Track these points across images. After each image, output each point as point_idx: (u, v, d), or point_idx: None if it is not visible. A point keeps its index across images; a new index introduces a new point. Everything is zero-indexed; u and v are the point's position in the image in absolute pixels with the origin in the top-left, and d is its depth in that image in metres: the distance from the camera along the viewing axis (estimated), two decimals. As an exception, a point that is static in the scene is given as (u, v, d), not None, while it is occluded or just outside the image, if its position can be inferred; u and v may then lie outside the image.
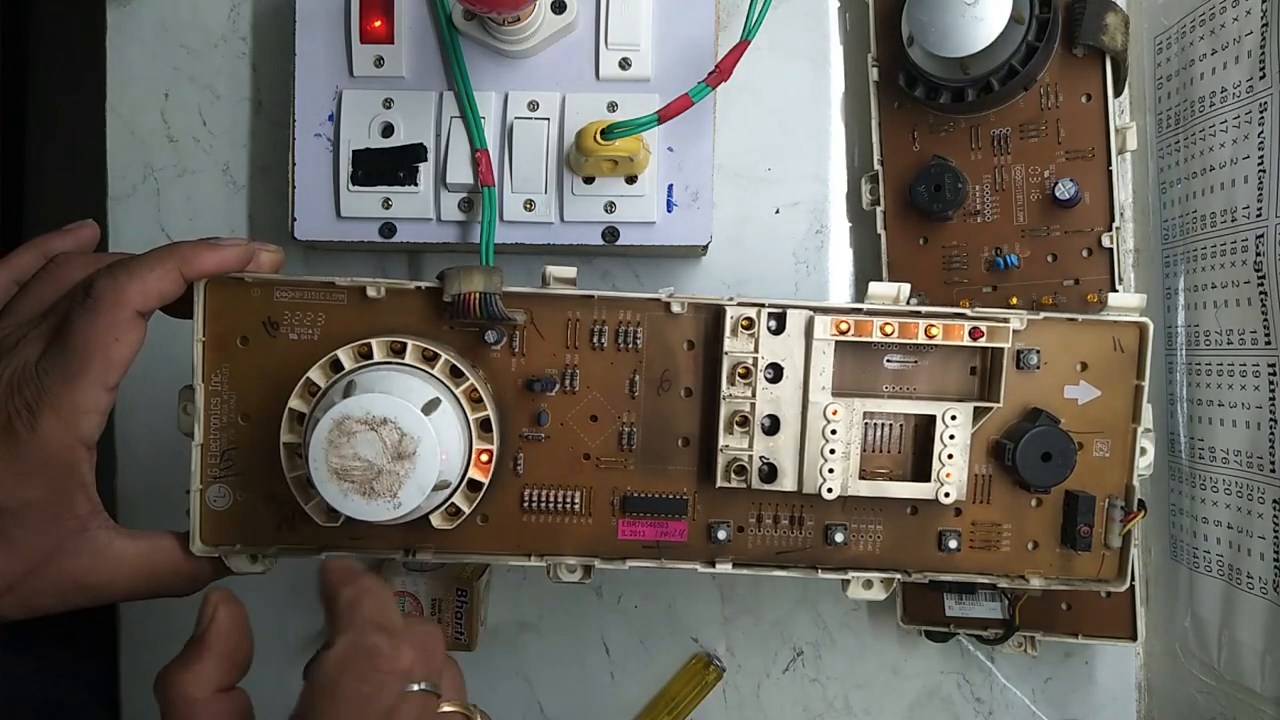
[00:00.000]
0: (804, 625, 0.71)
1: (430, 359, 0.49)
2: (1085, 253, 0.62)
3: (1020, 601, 0.64)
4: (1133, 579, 0.57)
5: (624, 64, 0.65)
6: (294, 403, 0.49)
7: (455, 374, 0.50)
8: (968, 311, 0.52)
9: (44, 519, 0.47)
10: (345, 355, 0.49)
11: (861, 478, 0.53)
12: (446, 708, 0.45)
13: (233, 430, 0.52)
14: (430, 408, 0.46)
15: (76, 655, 0.74)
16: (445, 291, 0.50)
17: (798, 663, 0.72)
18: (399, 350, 0.49)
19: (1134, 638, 0.63)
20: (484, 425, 0.50)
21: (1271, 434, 0.58)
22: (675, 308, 0.53)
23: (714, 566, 0.54)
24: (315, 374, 0.49)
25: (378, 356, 0.49)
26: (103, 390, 0.46)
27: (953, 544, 0.54)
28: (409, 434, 0.45)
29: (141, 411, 0.70)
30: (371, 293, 0.51)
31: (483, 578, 0.69)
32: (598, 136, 0.59)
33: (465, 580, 0.68)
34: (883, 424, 0.54)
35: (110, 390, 0.47)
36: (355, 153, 0.65)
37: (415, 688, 0.43)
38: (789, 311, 0.52)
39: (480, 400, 0.50)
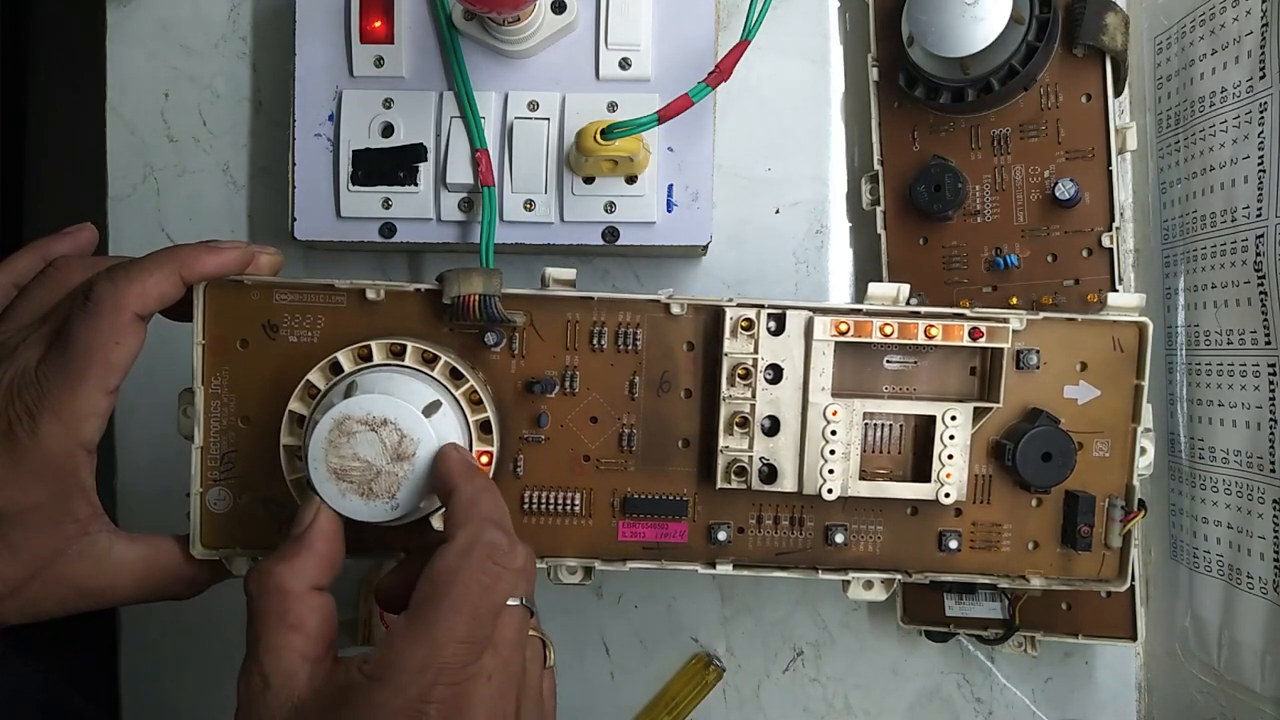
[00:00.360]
0: (804, 625, 0.72)
1: (430, 361, 0.49)
2: (1085, 253, 0.62)
3: (1020, 601, 0.64)
4: (1133, 579, 0.57)
5: (624, 64, 0.65)
6: (294, 405, 0.49)
7: (455, 376, 0.50)
8: (967, 312, 0.52)
9: (45, 523, 0.47)
10: (345, 358, 0.49)
11: (861, 478, 0.53)
12: (532, 632, 0.45)
13: (233, 433, 0.52)
14: (431, 410, 0.46)
15: (77, 656, 0.74)
16: (445, 294, 0.50)
17: (798, 663, 0.72)
18: (398, 352, 0.49)
19: (1134, 638, 0.63)
20: (484, 427, 0.50)
21: (1271, 434, 0.58)
22: (675, 309, 0.53)
23: (714, 568, 0.54)
24: (315, 376, 0.49)
25: (377, 359, 0.49)
26: (103, 394, 0.46)
27: (953, 544, 0.54)
28: (409, 435, 0.45)
29: (142, 412, 0.70)
30: (371, 295, 0.51)
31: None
32: (598, 136, 0.59)
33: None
34: (882, 424, 0.54)
35: (110, 394, 0.47)
36: (355, 153, 0.65)
37: (514, 602, 0.43)
38: (788, 312, 0.52)
39: (480, 402, 0.50)
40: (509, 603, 0.43)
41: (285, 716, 0.41)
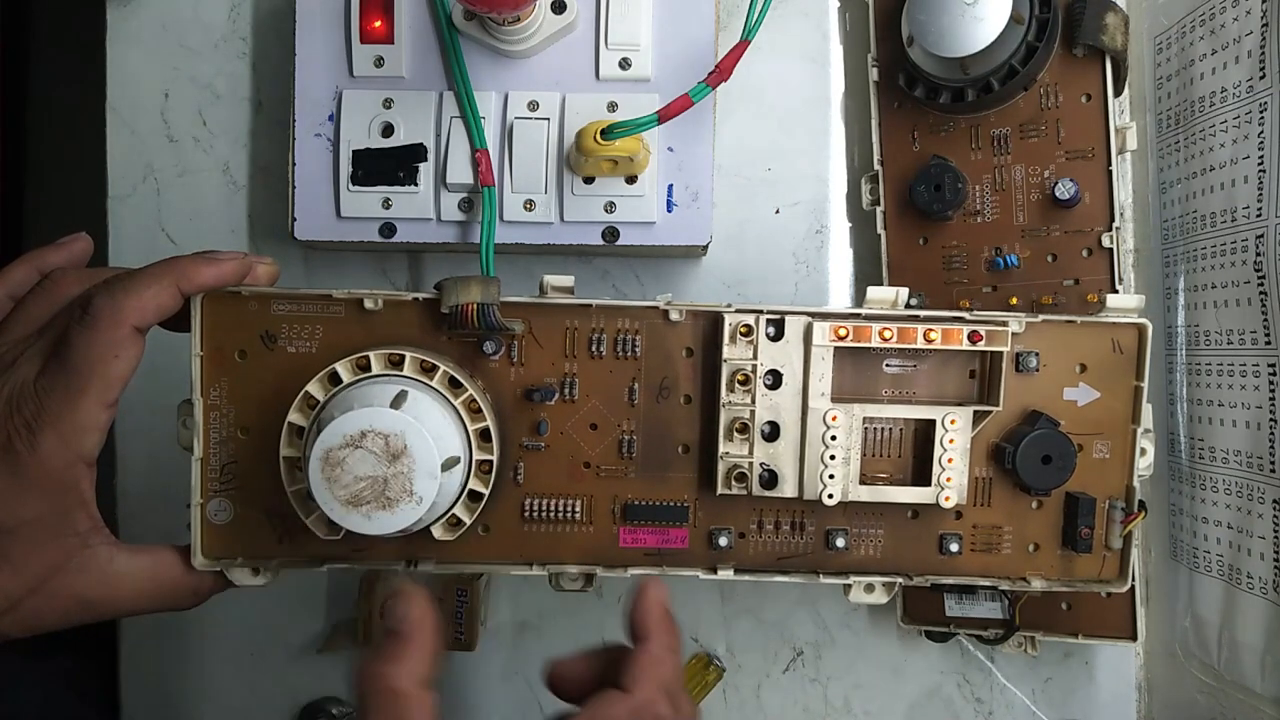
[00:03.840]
0: (804, 625, 0.72)
1: (428, 370, 0.49)
2: (1085, 253, 0.62)
3: (1020, 602, 0.64)
4: (1133, 579, 0.57)
5: (624, 64, 0.65)
6: (293, 416, 0.48)
7: (454, 385, 0.50)
8: (966, 315, 0.52)
9: (45, 537, 0.47)
10: (343, 368, 0.49)
11: (862, 483, 0.53)
12: None
13: (232, 444, 0.52)
14: (398, 401, 0.46)
15: (77, 661, 0.74)
16: (443, 303, 0.50)
17: (798, 663, 0.72)
18: (397, 362, 0.49)
19: (1134, 638, 0.64)
20: (483, 435, 0.50)
21: (1271, 434, 0.58)
22: (673, 315, 0.52)
23: (715, 573, 0.54)
24: (313, 387, 0.49)
25: (375, 368, 0.49)
26: (102, 407, 0.46)
27: (954, 547, 0.54)
28: (391, 433, 0.45)
29: (141, 423, 0.70)
30: (369, 304, 0.51)
31: (483, 578, 0.69)
32: (598, 136, 0.59)
33: (465, 580, 0.68)
34: (882, 429, 0.54)
35: (110, 407, 0.47)
36: (355, 153, 0.65)
37: None
38: (787, 318, 0.51)
39: (479, 410, 0.50)
40: None
41: None
